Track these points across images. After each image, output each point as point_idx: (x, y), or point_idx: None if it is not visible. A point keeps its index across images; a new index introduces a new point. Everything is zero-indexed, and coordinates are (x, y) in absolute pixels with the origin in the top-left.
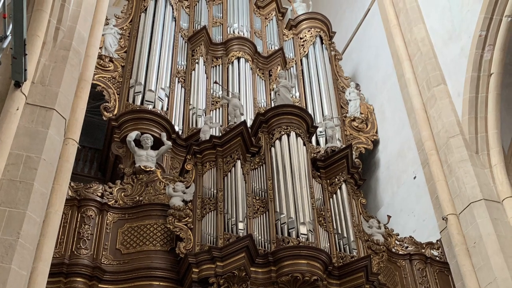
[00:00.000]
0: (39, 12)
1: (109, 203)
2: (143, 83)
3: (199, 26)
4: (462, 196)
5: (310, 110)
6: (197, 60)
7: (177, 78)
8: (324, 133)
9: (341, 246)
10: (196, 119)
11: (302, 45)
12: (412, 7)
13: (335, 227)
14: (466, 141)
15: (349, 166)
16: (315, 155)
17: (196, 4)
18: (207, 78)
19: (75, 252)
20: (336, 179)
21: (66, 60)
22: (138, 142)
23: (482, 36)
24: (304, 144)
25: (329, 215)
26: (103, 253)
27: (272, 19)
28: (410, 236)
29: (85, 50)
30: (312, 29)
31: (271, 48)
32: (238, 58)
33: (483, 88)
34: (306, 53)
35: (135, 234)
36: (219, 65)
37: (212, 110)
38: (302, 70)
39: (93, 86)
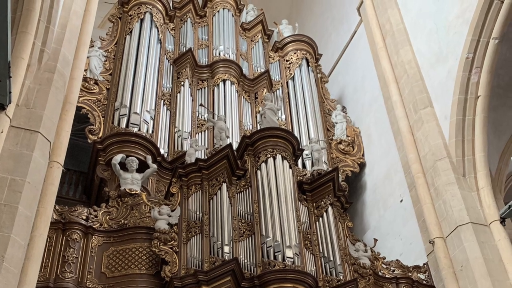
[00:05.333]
0: (24, 34)
1: (94, 227)
2: (128, 105)
3: (184, 48)
4: (449, 219)
5: (296, 133)
6: (182, 83)
7: (162, 101)
8: (310, 156)
9: (327, 269)
10: (181, 142)
11: (288, 67)
12: (398, 29)
13: (321, 251)
14: (453, 164)
15: (336, 189)
16: (301, 178)
17: (181, 26)
18: (192, 100)
19: (60, 276)
20: (322, 202)
21: (50, 82)
22: (123, 165)
23: (469, 59)
24: (290, 167)
25: (315, 238)
26: (88, 276)
27: (258, 41)
28: (397, 260)
29: (70, 73)
30: (298, 51)
31: (257, 70)
32: (224, 81)
33: (470, 111)
34: (292, 75)
35: (120, 258)
36: (204, 88)
37: (198, 133)
38: (288, 93)
39: (78, 108)
